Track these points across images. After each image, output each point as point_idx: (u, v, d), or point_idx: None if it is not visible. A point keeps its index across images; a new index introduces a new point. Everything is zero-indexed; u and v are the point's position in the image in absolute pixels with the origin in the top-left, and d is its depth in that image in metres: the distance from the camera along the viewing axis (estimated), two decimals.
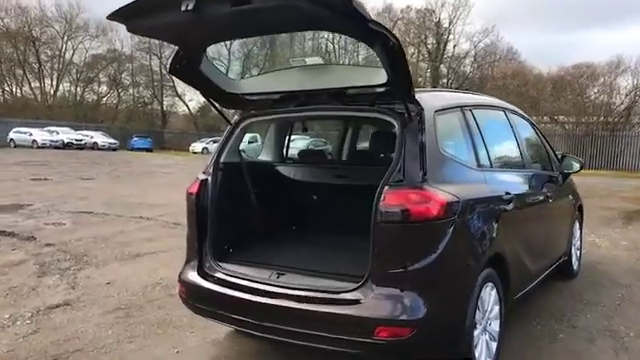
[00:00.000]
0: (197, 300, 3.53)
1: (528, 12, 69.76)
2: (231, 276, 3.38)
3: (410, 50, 47.64)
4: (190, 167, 23.57)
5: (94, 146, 39.50)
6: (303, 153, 4.98)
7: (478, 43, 49.57)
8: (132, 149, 42.89)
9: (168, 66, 3.37)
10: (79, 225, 8.50)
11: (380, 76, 3.01)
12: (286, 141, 4.74)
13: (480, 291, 3.22)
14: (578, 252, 6.00)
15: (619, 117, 36.32)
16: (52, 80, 52.90)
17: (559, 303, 4.97)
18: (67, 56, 52.75)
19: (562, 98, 38.77)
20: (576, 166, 5.25)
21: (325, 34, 42.76)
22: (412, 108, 3.06)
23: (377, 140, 4.49)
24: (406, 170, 2.94)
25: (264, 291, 3.18)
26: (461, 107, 3.68)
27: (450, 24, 50.25)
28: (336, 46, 50.03)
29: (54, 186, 14.03)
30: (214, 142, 39.31)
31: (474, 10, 65.19)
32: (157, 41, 53.35)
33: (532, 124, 5.11)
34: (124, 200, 11.56)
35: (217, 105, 3.78)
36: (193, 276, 3.52)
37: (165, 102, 57.79)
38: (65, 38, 52.28)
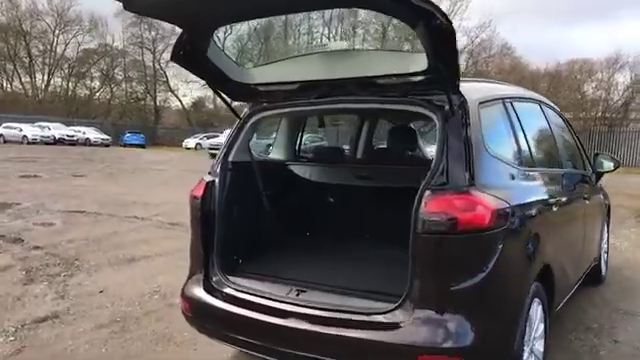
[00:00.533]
0: (203, 319, 3.11)
1: (522, 8, 69.38)
2: (243, 292, 2.95)
3: (405, 47, 47.16)
4: (184, 164, 23.20)
5: (86, 142, 38.84)
6: (319, 151, 4.53)
7: (475, 38, 49.11)
8: (125, 145, 42.35)
9: (171, 52, 2.92)
10: (70, 225, 8.03)
11: (419, 62, 2.59)
12: (299, 138, 4.30)
13: (529, 309, 2.82)
14: (605, 255, 5.62)
15: (617, 113, 36.16)
16: (43, 75, 52.30)
17: (593, 313, 4.57)
18: (58, 50, 52.17)
19: (559, 94, 38.58)
20: (610, 165, 4.84)
21: (321, 27, 42.16)
22: (455, 100, 2.64)
23: (407, 137, 4.06)
24: (450, 172, 2.52)
25: (282, 311, 2.75)
26: (502, 99, 3.26)
27: None
28: None
29: (44, 184, 13.50)
30: (207, 138, 38.98)
31: (472, 5, 64.50)
32: (150, 35, 53.06)
33: (564, 118, 4.71)
34: (117, 198, 11.07)
35: (226, 97, 3.33)
36: (198, 292, 3.09)
37: (158, 97, 57.26)
38: (56, 32, 51.67)
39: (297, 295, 2.83)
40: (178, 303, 3.30)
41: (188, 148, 41.46)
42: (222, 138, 33.92)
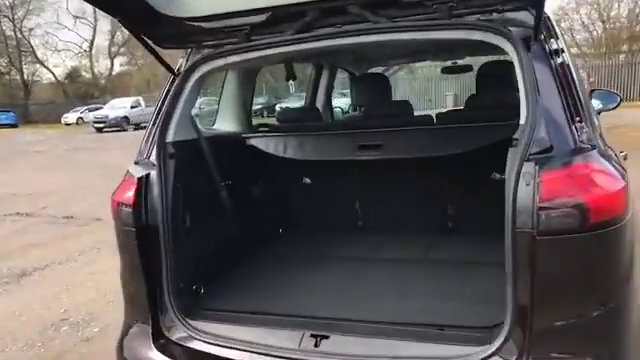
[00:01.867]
0: None
1: None
2: (220, 346, 1.88)
3: None
4: (67, 142, 21.05)
5: None
6: (291, 114, 3.38)
7: None
8: None
9: None
10: None
11: None
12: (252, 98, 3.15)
13: None
14: None
15: None
16: None
17: None
18: None
19: None
20: (608, 102, 4.07)
21: None
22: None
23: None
24: (552, 130, 1.59)
25: None
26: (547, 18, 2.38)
27: None
28: None
29: None
30: (90, 111, 36.36)
31: None
32: (6, 1, 47.38)
33: None
34: None
35: (150, 43, 2.13)
36: (148, 352, 1.97)
37: (25, 70, 51.76)
38: None
39: (316, 345, 1.80)
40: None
41: (68, 124, 38.19)
42: (106, 110, 31.46)
